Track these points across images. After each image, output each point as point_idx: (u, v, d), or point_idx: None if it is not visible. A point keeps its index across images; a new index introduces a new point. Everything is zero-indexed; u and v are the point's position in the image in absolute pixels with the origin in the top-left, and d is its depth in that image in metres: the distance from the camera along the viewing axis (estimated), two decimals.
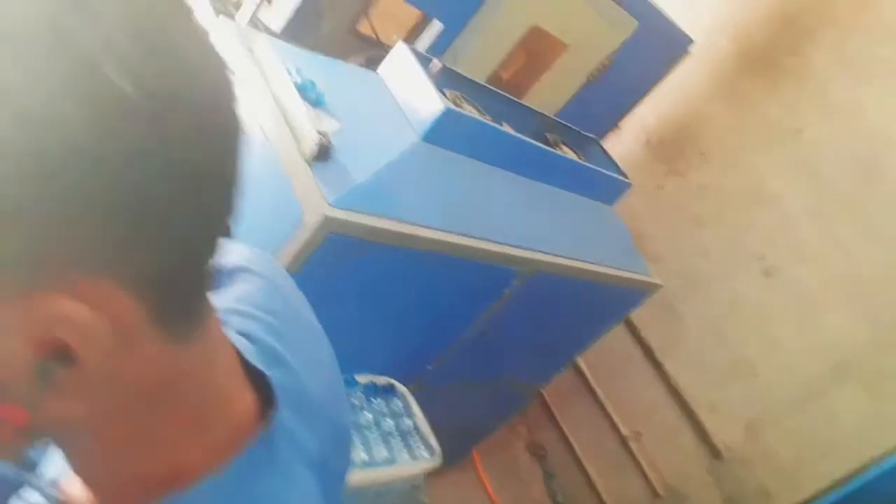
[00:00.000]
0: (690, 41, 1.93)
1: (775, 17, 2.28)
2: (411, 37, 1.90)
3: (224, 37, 1.25)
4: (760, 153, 2.27)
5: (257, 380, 0.44)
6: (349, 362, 1.44)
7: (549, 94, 1.82)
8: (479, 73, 1.64)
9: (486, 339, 1.62)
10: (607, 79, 1.86)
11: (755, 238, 2.26)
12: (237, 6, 1.47)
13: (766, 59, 2.27)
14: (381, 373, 1.50)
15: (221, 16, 1.28)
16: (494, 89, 1.54)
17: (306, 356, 0.50)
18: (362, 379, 1.45)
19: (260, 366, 0.44)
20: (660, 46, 1.92)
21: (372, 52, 1.83)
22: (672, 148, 2.46)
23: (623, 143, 2.48)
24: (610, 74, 1.85)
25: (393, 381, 1.49)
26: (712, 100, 2.37)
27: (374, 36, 1.90)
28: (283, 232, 1.14)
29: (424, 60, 1.35)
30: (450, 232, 1.31)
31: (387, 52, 1.85)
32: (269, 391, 0.44)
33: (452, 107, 1.32)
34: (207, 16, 1.36)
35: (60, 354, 0.31)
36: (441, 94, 1.34)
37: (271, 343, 0.47)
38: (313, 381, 0.49)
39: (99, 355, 0.31)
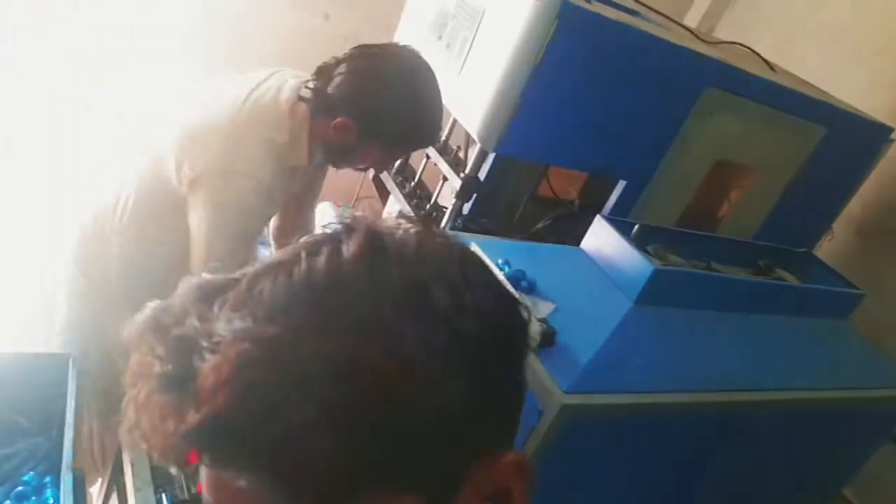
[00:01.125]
0: (890, 129, 1.81)
1: None
2: (587, 188, 1.96)
3: None
4: None
5: None
6: None
7: (745, 218, 1.77)
8: (670, 218, 1.64)
9: (739, 487, 1.51)
10: (805, 189, 1.77)
11: None
12: (436, 208, 1.61)
13: None
14: None
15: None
16: (694, 232, 1.53)
17: None
18: None
19: None
20: (856, 142, 1.81)
21: (557, 212, 1.90)
22: (888, 232, 2.25)
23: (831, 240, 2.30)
24: (807, 184, 1.76)
25: None
26: None
27: (554, 195, 1.98)
28: (525, 426, 1.17)
29: (623, 227, 1.38)
30: (685, 391, 1.27)
31: (569, 209, 1.91)
32: None
33: (659, 265, 1.32)
34: None
35: (502, 496, 0.42)
36: (645, 254, 1.34)
37: None
38: None
39: (526, 490, 0.43)
